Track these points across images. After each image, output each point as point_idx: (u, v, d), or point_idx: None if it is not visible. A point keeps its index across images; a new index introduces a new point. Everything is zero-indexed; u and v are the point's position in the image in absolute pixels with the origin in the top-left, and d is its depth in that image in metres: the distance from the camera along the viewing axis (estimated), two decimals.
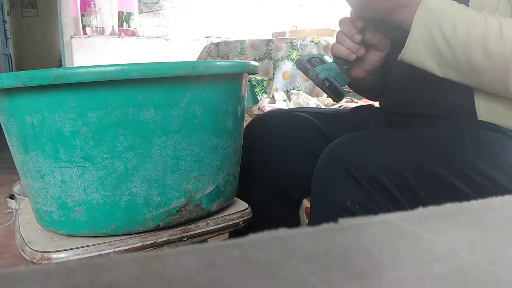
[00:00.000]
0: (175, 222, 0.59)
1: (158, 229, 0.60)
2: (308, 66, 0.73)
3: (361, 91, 0.90)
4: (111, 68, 0.48)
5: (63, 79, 0.47)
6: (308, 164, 0.75)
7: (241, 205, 0.71)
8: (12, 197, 1.52)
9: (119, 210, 0.55)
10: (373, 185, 0.54)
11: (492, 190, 0.56)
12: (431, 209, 0.22)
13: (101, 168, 0.53)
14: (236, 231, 0.69)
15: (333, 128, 0.83)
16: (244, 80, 0.66)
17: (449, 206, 0.23)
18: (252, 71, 0.63)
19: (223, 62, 0.58)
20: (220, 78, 0.58)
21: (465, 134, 0.60)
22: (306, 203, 0.85)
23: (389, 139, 0.59)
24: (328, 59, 0.75)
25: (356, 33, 0.68)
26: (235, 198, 0.74)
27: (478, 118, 0.66)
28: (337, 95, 0.75)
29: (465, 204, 0.23)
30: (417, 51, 0.61)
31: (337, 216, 0.21)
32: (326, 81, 0.72)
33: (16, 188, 1.57)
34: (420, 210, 0.22)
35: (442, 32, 0.58)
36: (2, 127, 0.57)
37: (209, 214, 0.64)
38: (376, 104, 0.94)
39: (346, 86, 0.78)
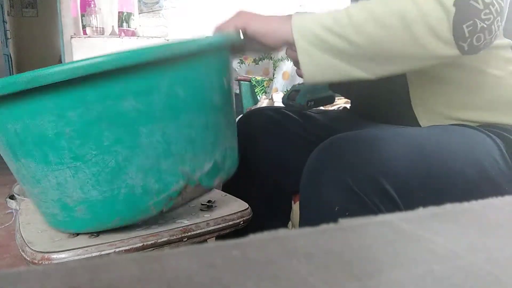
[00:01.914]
0: (178, 205, 0.60)
1: (154, 222, 0.62)
2: (290, 103, 0.83)
3: (333, 88, 0.95)
4: (81, 64, 0.46)
5: (35, 83, 0.46)
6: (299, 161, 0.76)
7: (241, 205, 0.71)
8: (12, 197, 1.52)
9: (119, 203, 0.55)
10: (367, 187, 0.52)
11: (484, 185, 0.57)
12: (431, 209, 0.22)
13: (92, 165, 0.52)
14: (236, 231, 0.69)
15: (322, 128, 0.84)
16: (227, 50, 0.64)
17: (449, 206, 0.23)
18: (234, 42, 0.61)
19: (197, 40, 0.56)
20: (199, 56, 0.56)
21: (452, 131, 0.61)
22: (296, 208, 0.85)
23: (382, 138, 0.57)
24: (301, 86, 0.84)
25: None
26: (235, 198, 0.74)
27: (418, 118, 0.69)
28: (327, 102, 0.84)
29: (465, 204, 0.23)
30: (313, 58, 0.59)
31: (324, 219, 0.21)
32: (309, 103, 0.81)
33: (16, 189, 1.57)
34: (420, 210, 0.22)
35: (326, 27, 0.57)
36: None
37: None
38: None
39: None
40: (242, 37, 0.65)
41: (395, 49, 0.56)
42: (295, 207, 0.85)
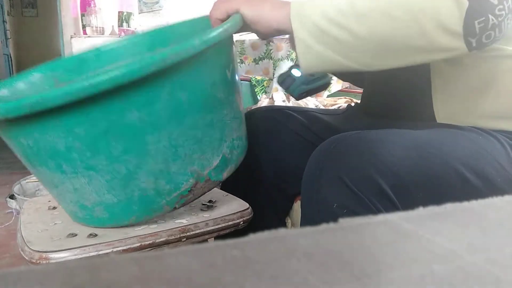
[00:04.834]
0: (190, 200, 0.62)
1: (153, 222, 0.63)
2: (285, 90, 0.83)
3: (341, 76, 0.97)
4: (79, 86, 0.46)
5: (38, 107, 0.46)
6: (300, 162, 0.75)
7: (242, 205, 0.70)
8: (12, 197, 1.52)
9: (134, 204, 0.57)
10: (365, 187, 0.52)
11: (486, 189, 0.56)
12: (431, 209, 0.22)
13: (105, 173, 0.53)
14: (236, 231, 0.69)
15: (324, 128, 0.84)
16: (230, 39, 0.62)
17: (449, 206, 0.23)
18: (233, 31, 0.59)
19: (194, 41, 0.52)
20: (199, 58, 0.54)
21: (457, 135, 0.60)
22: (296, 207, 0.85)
23: (382, 139, 0.56)
24: (298, 72, 0.82)
25: None
26: (236, 198, 0.74)
27: (438, 121, 0.67)
28: (321, 89, 0.83)
29: (465, 204, 0.23)
30: (312, 49, 0.56)
31: (324, 219, 0.21)
32: (302, 94, 0.81)
33: (16, 188, 1.57)
34: (420, 210, 0.22)
35: (327, 16, 0.54)
36: None
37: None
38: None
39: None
40: (242, 23, 0.61)
41: (399, 41, 0.54)
42: (296, 206, 0.85)
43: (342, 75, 0.98)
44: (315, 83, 0.81)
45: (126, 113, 0.50)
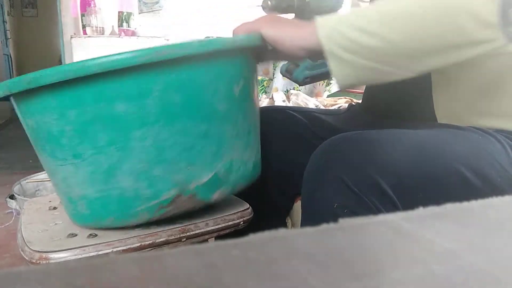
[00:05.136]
0: (170, 213, 0.58)
1: (153, 222, 0.59)
2: (288, 76, 0.82)
3: None
4: (74, 67, 0.48)
5: (35, 83, 0.48)
6: (299, 162, 0.76)
7: (242, 205, 0.70)
8: (12, 197, 1.52)
9: (112, 203, 0.56)
10: (366, 187, 0.52)
11: (486, 189, 0.56)
12: (431, 209, 0.22)
13: (88, 164, 0.53)
14: (236, 231, 0.69)
15: (325, 128, 0.84)
16: (243, 55, 0.59)
17: (449, 206, 0.23)
18: (243, 44, 0.57)
19: (194, 42, 0.51)
20: (200, 59, 0.53)
21: (458, 135, 0.60)
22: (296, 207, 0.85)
23: (383, 139, 0.56)
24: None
25: None
26: (236, 197, 0.74)
27: (438, 121, 0.67)
28: (325, 77, 0.83)
29: (465, 204, 0.23)
30: (344, 61, 0.54)
31: (324, 219, 0.21)
32: (306, 79, 0.80)
33: (16, 188, 1.57)
34: (420, 210, 0.22)
35: (354, 26, 0.52)
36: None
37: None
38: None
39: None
40: (259, 42, 0.59)
41: (434, 40, 0.52)
42: (296, 206, 0.85)
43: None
44: (318, 69, 0.82)
45: (115, 102, 0.50)
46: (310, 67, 0.82)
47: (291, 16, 0.72)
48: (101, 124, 0.51)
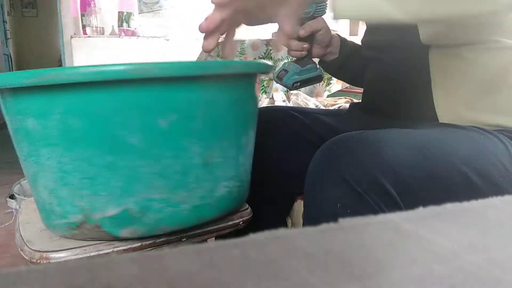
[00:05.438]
0: (79, 237, 0.56)
1: (67, 237, 0.58)
2: (279, 82, 0.86)
3: (337, 74, 0.98)
4: None
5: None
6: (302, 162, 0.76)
7: (241, 205, 0.70)
8: (12, 197, 1.52)
9: (42, 210, 0.58)
10: (368, 187, 0.52)
11: (488, 189, 0.56)
12: (431, 209, 0.22)
13: (25, 167, 0.57)
14: (236, 231, 0.69)
15: (325, 128, 0.84)
16: (177, 83, 0.51)
17: (449, 206, 0.23)
18: (174, 73, 0.49)
19: (98, 66, 0.46)
20: (101, 86, 0.47)
21: (459, 134, 0.60)
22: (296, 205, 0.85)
23: (385, 139, 0.56)
24: (290, 65, 0.88)
25: (291, 40, 0.78)
26: None
27: (438, 118, 0.68)
28: (315, 81, 0.88)
29: (465, 204, 0.23)
30: None
31: (327, 220, 0.21)
32: (296, 84, 0.85)
33: (16, 188, 1.57)
34: (420, 210, 0.22)
35: None
36: None
37: (122, 240, 0.58)
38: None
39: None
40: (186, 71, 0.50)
41: None
42: (296, 206, 0.85)
43: (340, 75, 0.98)
44: (307, 74, 0.87)
45: (27, 117, 0.50)
46: (299, 72, 0.85)
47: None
48: (22, 136, 0.53)
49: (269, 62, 0.59)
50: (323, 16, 0.83)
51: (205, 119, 0.53)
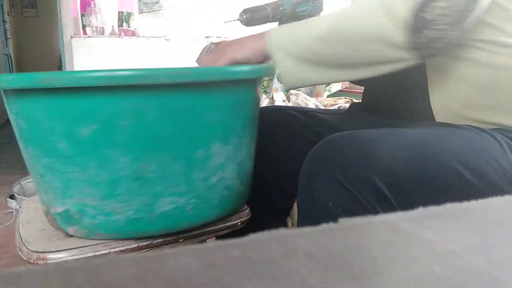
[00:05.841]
0: (55, 226, 0.61)
1: None
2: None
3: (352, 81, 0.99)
4: None
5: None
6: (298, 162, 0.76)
7: (240, 206, 0.70)
8: (12, 197, 1.52)
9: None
10: (360, 186, 0.52)
11: (483, 187, 0.56)
12: (431, 209, 0.22)
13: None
14: (236, 231, 0.69)
15: (325, 128, 0.84)
16: (93, 93, 0.49)
17: (449, 206, 0.23)
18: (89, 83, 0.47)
19: (23, 75, 0.48)
20: (32, 94, 0.50)
21: (454, 133, 0.60)
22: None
23: (378, 138, 0.56)
24: None
25: None
26: None
27: (435, 116, 0.68)
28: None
29: (465, 204, 0.23)
30: (287, 68, 0.66)
31: (319, 218, 0.21)
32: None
33: (16, 188, 1.57)
34: (420, 210, 0.22)
35: (293, 40, 0.64)
36: None
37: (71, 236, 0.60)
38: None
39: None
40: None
41: (355, 57, 0.63)
42: (296, 206, 0.85)
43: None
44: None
45: (18, 117, 0.54)
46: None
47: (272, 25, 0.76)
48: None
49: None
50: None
51: (133, 131, 0.51)
